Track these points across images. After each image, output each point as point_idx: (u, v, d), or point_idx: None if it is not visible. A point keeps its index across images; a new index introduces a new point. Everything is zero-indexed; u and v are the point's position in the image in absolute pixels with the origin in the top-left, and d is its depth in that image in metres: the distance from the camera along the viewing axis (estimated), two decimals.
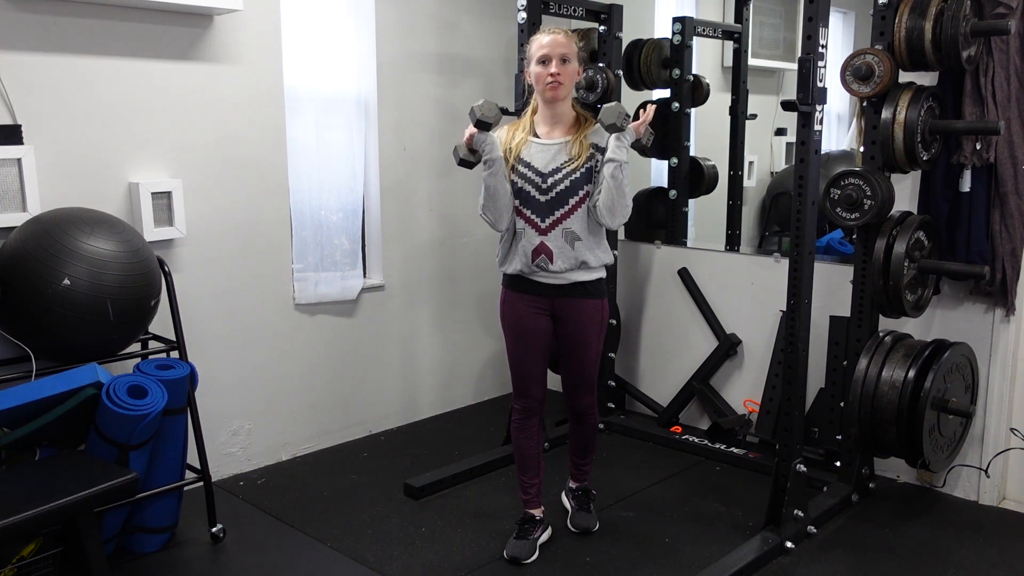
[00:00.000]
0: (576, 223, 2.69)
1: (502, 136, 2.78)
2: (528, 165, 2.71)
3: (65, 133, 2.93)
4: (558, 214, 2.68)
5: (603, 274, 2.81)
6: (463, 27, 4.15)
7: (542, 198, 2.69)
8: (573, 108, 2.76)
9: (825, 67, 2.77)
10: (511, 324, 2.83)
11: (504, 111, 3.96)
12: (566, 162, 2.68)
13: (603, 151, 2.68)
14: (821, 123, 2.82)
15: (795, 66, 2.77)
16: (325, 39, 3.67)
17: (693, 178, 4.21)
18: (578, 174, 2.67)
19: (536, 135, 2.75)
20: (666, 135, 4.15)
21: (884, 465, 3.48)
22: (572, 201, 2.68)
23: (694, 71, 4.13)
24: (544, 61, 2.66)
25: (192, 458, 2.95)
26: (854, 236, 3.18)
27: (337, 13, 3.70)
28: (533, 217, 2.70)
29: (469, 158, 2.75)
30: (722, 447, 3.70)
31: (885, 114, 2.96)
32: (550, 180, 2.68)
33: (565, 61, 2.65)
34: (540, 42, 2.68)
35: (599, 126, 2.67)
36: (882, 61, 2.91)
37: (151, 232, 3.07)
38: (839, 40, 4.25)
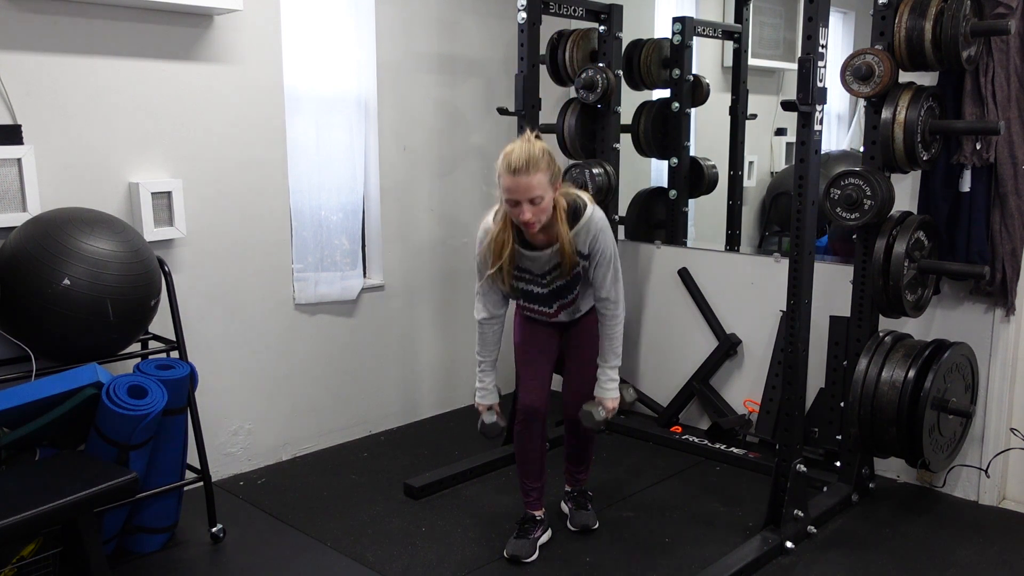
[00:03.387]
0: (579, 302, 2.82)
1: (492, 237, 2.65)
2: (527, 271, 2.73)
3: (65, 133, 2.93)
4: (563, 301, 2.80)
5: None
6: (463, 27, 4.15)
7: (544, 291, 2.77)
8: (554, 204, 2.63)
9: (825, 67, 2.77)
10: (519, 325, 2.92)
11: (504, 111, 3.98)
12: (557, 266, 2.69)
13: (586, 257, 2.68)
14: (821, 123, 2.82)
15: (795, 66, 2.77)
16: (325, 39, 3.66)
17: (693, 178, 4.21)
18: (571, 275, 2.72)
19: (523, 242, 2.67)
20: (666, 135, 4.15)
21: (884, 465, 3.48)
22: (572, 294, 2.79)
23: (694, 71, 4.13)
24: (513, 203, 2.52)
25: (192, 458, 2.95)
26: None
27: (337, 13, 3.70)
28: (542, 308, 2.83)
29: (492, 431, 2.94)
30: (722, 447, 3.70)
31: (885, 114, 2.95)
32: (548, 278, 2.73)
33: (535, 202, 2.49)
34: (505, 182, 2.49)
35: (580, 230, 2.64)
36: (882, 61, 2.91)
37: (151, 232, 3.07)
38: (839, 40, 4.25)
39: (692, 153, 4.20)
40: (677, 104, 4.09)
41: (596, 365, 2.84)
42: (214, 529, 2.97)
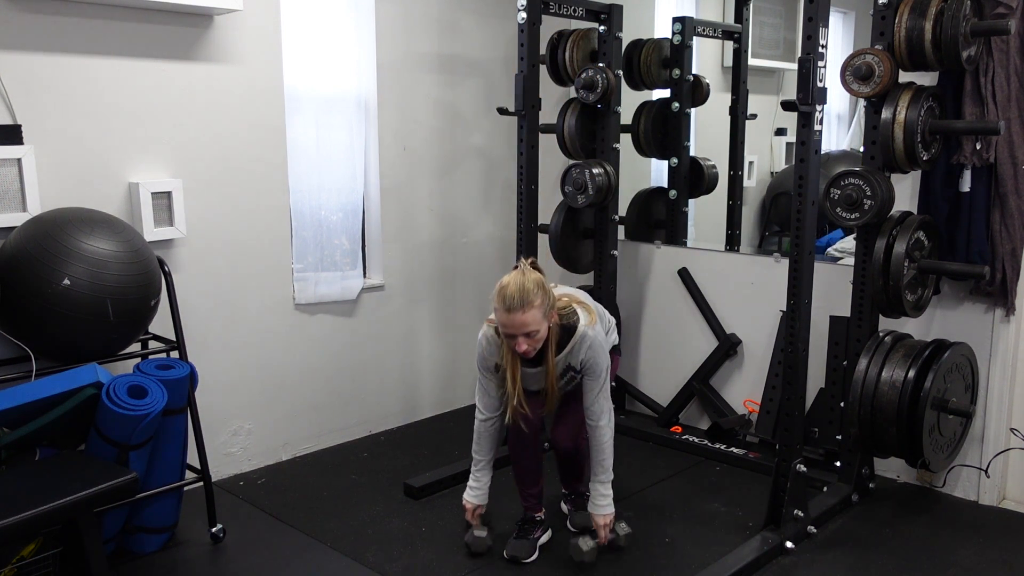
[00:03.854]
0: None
1: (507, 370, 2.73)
2: (526, 389, 2.78)
3: (65, 133, 2.93)
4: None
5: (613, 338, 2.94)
6: (463, 27, 4.15)
7: (542, 396, 2.82)
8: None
9: (825, 67, 2.77)
10: None
11: (504, 111, 3.98)
12: (550, 391, 2.76)
13: (578, 371, 2.74)
14: (821, 123, 2.82)
15: (795, 66, 2.77)
16: (325, 39, 3.66)
17: (693, 178, 4.21)
18: (567, 389, 2.81)
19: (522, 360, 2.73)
20: (666, 135, 4.15)
21: (884, 465, 3.48)
22: (569, 395, 2.86)
23: (694, 71, 4.14)
24: (509, 336, 2.60)
25: (192, 458, 2.95)
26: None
27: (337, 13, 3.70)
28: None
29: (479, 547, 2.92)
30: (722, 447, 3.70)
31: (885, 114, 2.95)
32: (543, 392, 2.79)
33: (531, 335, 2.58)
34: (501, 318, 2.58)
35: (573, 348, 2.70)
36: (882, 61, 2.91)
37: (151, 232, 3.07)
38: (839, 40, 4.25)
39: (692, 153, 4.20)
40: (677, 104, 4.09)
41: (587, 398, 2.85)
42: (214, 529, 2.97)
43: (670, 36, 4.06)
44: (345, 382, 3.90)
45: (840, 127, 4.63)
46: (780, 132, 4.65)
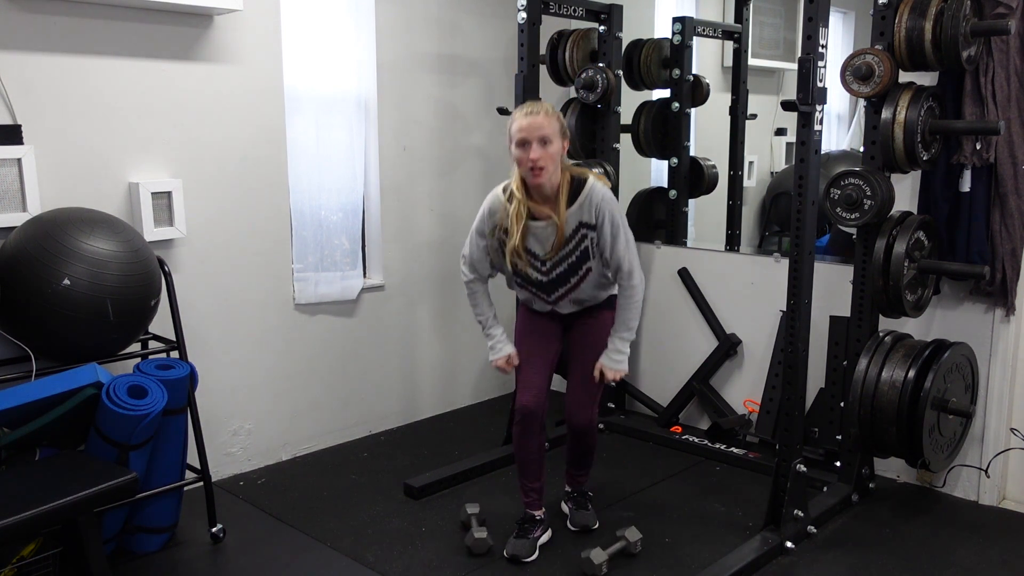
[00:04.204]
0: (582, 292, 2.80)
1: (513, 209, 2.68)
2: (528, 251, 2.73)
3: (65, 133, 2.93)
4: (562, 290, 2.79)
5: (616, 291, 2.84)
6: (463, 27, 4.15)
7: (544, 279, 2.77)
8: (560, 171, 2.68)
9: (825, 67, 2.77)
10: (522, 320, 2.94)
11: (504, 111, 3.98)
12: (556, 244, 2.70)
13: (592, 227, 2.68)
14: (821, 123, 2.82)
15: (795, 66, 2.78)
16: (325, 39, 3.67)
17: (693, 178, 4.21)
18: (574, 257, 2.73)
19: (530, 212, 2.70)
20: (666, 135, 4.15)
21: (884, 465, 3.48)
22: (574, 280, 2.77)
23: (694, 71, 4.14)
24: (523, 144, 2.58)
25: (192, 458, 2.95)
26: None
27: (337, 13, 3.70)
28: (540, 293, 2.83)
29: None
30: (722, 447, 3.70)
31: (885, 114, 2.96)
32: (549, 263, 2.74)
33: (545, 143, 2.57)
34: (519, 124, 2.59)
35: (584, 200, 2.66)
36: (882, 61, 2.91)
37: (151, 232, 3.07)
38: (839, 40, 4.25)
39: (692, 153, 4.20)
40: (677, 104, 4.09)
41: (602, 352, 2.83)
42: (214, 529, 2.97)
43: (670, 36, 4.06)
44: (345, 382, 3.90)
45: (840, 127, 4.63)
46: (780, 132, 4.65)
